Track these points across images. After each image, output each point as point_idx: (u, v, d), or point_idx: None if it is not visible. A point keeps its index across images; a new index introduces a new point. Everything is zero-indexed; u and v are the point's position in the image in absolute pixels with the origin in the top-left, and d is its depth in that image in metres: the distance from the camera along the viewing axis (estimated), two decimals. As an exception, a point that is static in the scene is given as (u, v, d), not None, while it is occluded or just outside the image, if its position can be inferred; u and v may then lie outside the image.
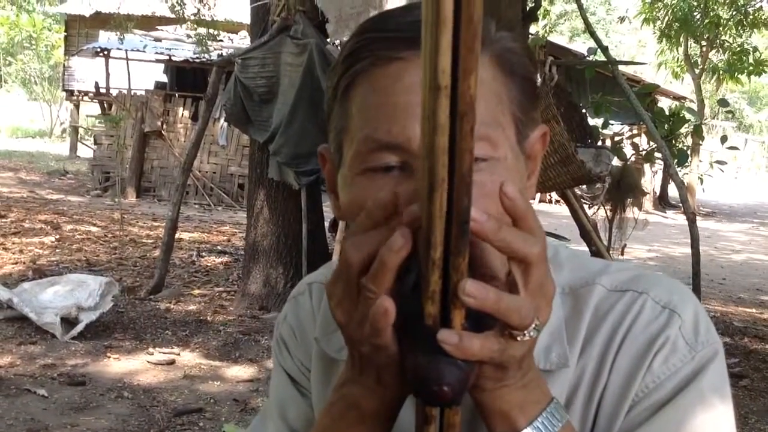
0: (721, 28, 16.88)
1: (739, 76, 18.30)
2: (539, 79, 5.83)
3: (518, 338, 0.64)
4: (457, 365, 0.61)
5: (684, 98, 20.79)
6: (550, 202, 17.94)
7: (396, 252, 0.62)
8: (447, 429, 0.65)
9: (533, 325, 0.64)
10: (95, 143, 15.02)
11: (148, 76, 16.43)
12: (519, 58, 0.84)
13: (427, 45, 0.53)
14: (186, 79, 15.93)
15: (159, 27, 15.86)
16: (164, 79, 16.89)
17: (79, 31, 19.43)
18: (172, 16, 12.15)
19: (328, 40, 5.66)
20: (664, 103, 17.71)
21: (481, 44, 0.79)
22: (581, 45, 19.30)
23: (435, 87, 0.53)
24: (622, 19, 15.67)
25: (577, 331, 0.87)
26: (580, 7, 6.51)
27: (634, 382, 0.84)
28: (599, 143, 6.70)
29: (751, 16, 16.82)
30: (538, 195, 17.48)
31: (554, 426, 0.71)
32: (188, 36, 13.61)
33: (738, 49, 17.98)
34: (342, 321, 0.69)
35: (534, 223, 0.65)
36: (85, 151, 19.55)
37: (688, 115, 7.25)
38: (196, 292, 6.97)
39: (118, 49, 14.88)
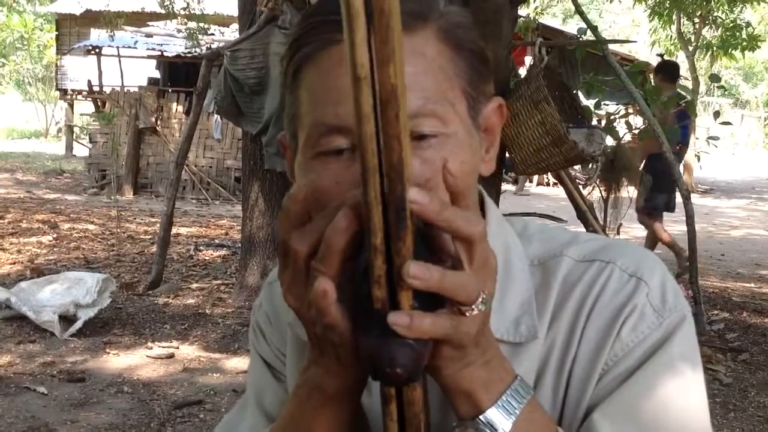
0: (713, 4, 16.80)
1: (733, 52, 18.23)
2: (530, 61, 5.82)
3: (467, 313, 0.64)
4: (410, 345, 0.62)
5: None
6: (548, 184, 17.93)
7: (340, 233, 0.63)
8: (407, 406, 0.66)
9: (480, 299, 0.65)
10: (90, 142, 15.00)
11: (140, 72, 16.39)
12: (466, 32, 0.84)
13: (346, 39, 0.55)
14: (179, 74, 15.89)
15: (149, 23, 15.82)
16: (157, 74, 16.85)
17: (70, 30, 19.41)
18: (162, 11, 12.10)
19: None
20: (659, 82, 17.68)
21: (425, 20, 0.80)
22: (574, 26, 19.26)
23: (355, 78, 0.55)
24: (612, -1, 15.63)
25: (546, 303, 0.88)
26: (569, -13, 6.48)
27: (603, 351, 0.84)
28: (592, 123, 6.68)
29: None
30: (536, 177, 17.48)
31: (519, 403, 0.72)
32: (179, 31, 13.58)
33: (731, 24, 17.91)
34: (293, 305, 0.70)
35: (471, 201, 0.66)
36: (81, 149, 19.54)
37: (681, 93, 7.26)
38: (195, 285, 6.98)
39: (109, 46, 14.86)
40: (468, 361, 0.69)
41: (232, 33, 14.26)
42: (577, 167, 8.82)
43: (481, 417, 0.70)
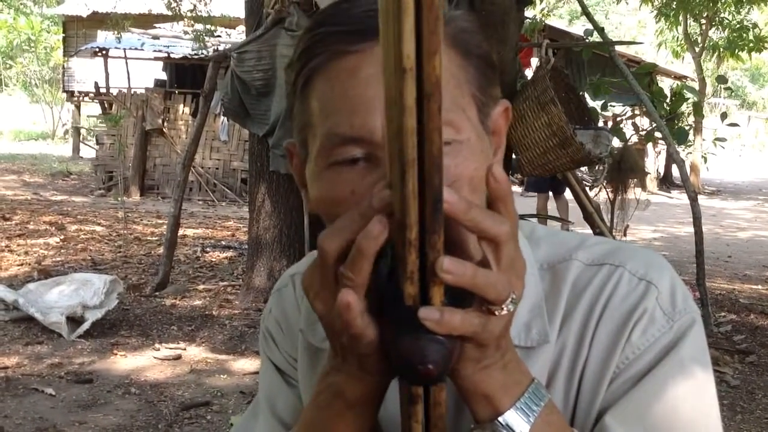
0: (720, 5, 16.78)
1: (740, 53, 18.21)
2: (537, 63, 5.82)
3: (496, 312, 0.65)
4: (440, 342, 0.62)
5: (685, 77, 20.72)
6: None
7: (374, 239, 0.63)
8: (434, 407, 0.66)
9: (510, 299, 0.65)
10: (97, 143, 15.04)
11: (147, 74, 16.43)
12: (473, 37, 0.84)
13: (391, 31, 0.54)
14: (185, 76, 15.92)
15: (156, 24, 15.86)
16: (163, 76, 16.88)
17: (77, 31, 19.42)
18: (169, 13, 12.13)
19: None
20: (666, 83, 17.67)
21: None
22: (581, 28, 19.23)
23: (401, 70, 0.54)
24: (618, 0, 15.59)
25: (557, 307, 0.88)
26: (575, -12, 6.48)
27: (614, 354, 0.85)
28: (599, 124, 6.67)
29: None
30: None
31: (537, 405, 0.72)
32: (185, 33, 13.61)
33: (738, 26, 17.90)
34: (321, 312, 0.70)
35: (511, 206, 0.66)
36: (88, 151, 19.59)
37: (687, 94, 7.24)
38: (201, 287, 7.00)
39: (116, 48, 14.90)
40: (487, 362, 0.69)
41: (238, 35, 14.27)
42: (584, 169, 8.81)
43: (499, 419, 0.71)
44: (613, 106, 8.89)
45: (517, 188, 16.35)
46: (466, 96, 0.81)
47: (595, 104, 6.67)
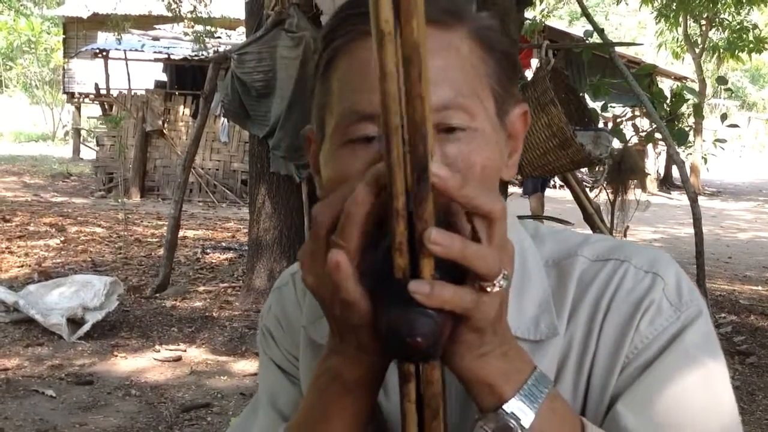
0: (720, 6, 16.78)
1: (740, 54, 18.22)
2: (536, 64, 5.82)
3: (488, 289, 0.65)
4: (430, 315, 0.62)
5: (685, 78, 20.74)
6: (554, 187, 17.89)
7: (359, 204, 0.64)
8: (426, 385, 0.65)
9: (501, 275, 0.65)
10: (97, 145, 15.04)
11: (147, 75, 16.43)
12: (497, 34, 0.86)
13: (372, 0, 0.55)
14: (186, 77, 15.93)
15: (156, 26, 15.85)
16: (164, 77, 16.88)
17: (78, 33, 19.43)
18: (169, 14, 12.14)
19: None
20: (666, 84, 17.68)
21: (460, 19, 0.82)
22: (581, 29, 19.22)
23: (380, 34, 0.55)
24: (618, 1, 15.59)
25: (563, 302, 0.89)
26: (575, -11, 6.47)
27: (623, 345, 0.86)
28: (599, 125, 6.67)
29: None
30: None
31: (541, 392, 0.72)
32: (186, 34, 13.61)
33: (738, 26, 17.90)
34: (312, 284, 0.71)
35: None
36: (88, 152, 19.59)
37: (687, 95, 7.24)
38: (202, 288, 6.99)
39: (116, 49, 14.90)
40: (486, 349, 0.69)
41: (239, 36, 14.27)
42: (584, 170, 8.81)
43: (503, 407, 0.71)
44: (613, 107, 8.88)
45: (517, 189, 16.36)
46: (486, 88, 0.83)
47: (595, 105, 6.66)
